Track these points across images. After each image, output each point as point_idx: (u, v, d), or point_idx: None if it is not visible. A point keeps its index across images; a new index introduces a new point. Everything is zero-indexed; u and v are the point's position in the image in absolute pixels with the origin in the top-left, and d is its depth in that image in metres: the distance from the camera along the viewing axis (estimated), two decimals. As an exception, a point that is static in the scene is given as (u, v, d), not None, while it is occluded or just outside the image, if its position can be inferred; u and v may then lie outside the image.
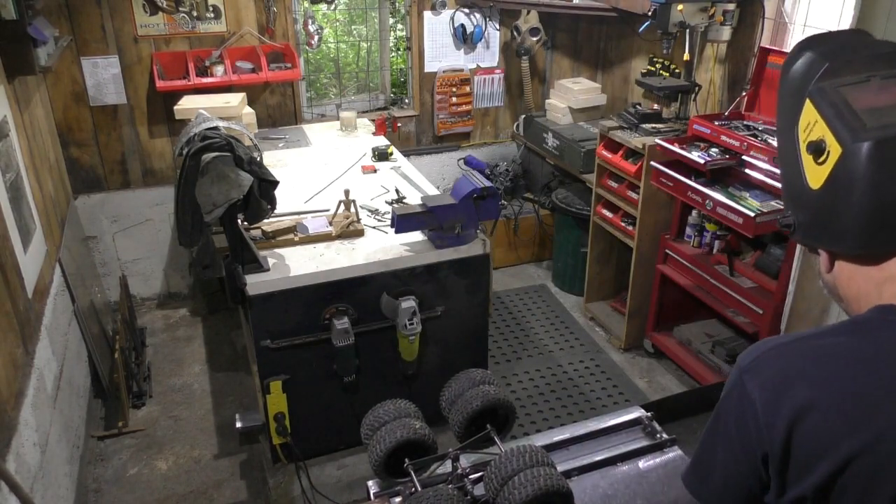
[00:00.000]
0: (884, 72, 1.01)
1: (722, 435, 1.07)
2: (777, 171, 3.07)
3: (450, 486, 1.72)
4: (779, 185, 3.05)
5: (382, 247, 2.86)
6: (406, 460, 1.78)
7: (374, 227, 3.02)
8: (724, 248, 3.46)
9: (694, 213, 3.57)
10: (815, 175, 1.01)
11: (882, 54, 1.04)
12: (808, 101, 1.03)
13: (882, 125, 0.95)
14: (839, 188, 0.97)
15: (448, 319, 2.96)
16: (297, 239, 2.90)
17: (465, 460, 1.82)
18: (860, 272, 1.02)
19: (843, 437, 0.91)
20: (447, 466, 1.80)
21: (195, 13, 4.08)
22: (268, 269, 2.69)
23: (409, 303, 2.77)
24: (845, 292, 1.05)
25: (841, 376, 0.94)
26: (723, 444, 1.07)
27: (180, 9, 4.04)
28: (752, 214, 2.99)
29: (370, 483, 1.84)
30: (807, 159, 1.03)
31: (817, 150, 1.00)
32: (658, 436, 1.89)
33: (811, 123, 1.02)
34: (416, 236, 2.90)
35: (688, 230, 3.65)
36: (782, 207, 1.09)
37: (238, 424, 3.01)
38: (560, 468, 1.71)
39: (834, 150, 0.97)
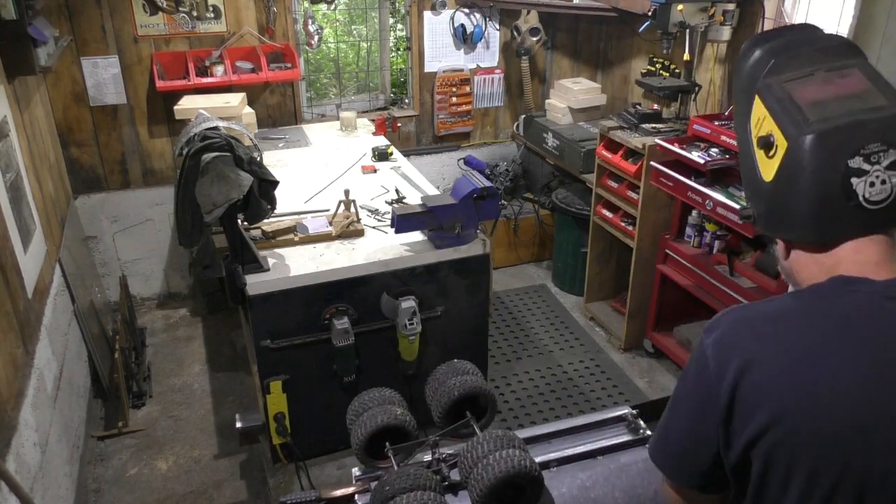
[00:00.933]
0: (827, 65, 1.05)
1: (682, 392, 1.11)
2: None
3: (429, 470, 1.74)
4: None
5: (382, 247, 2.86)
6: (387, 444, 1.83)
7: (374, 227, 3.02)
8: (724, 248, 3.46)
9: (694, 213, 3.56)
10: (767, 168, 1.06)
11: (826, 48, 1.08)
12: (756, 97, 1.07)
13: (823, 118, 0.99)
14: (788, 180, 1.02)
15: (448, 319, 2.96)
16: (297, 239, 2.90)
17: (447, 450, 1.84)
18: (812, 259, 1.06)
19: (783, 387, 0.96)
20: (429, 455, 1.83)
21: (195, 13, 4.09)
22: (268, 269, 2.69)
23: (409, 303, 2.77)
24: (800, 277, 1.10)
25: (789, 333, 0.99)
26: (683, 402, 1.11)
27: (180, 9, 4.05)
28: (752, 214, 2.99)
29: (354, 469, 1.88)
30: (759, 153, 1.08)
31: (766, 144, 1.05)
32: (641, 432, 1.90)
33: (760, 119, 1.07)
34: (416, 236, 2.90)
35: (688, 230, 3.65)
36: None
37: (238, 424, 3.01)
38: (539, 459, 1.72)
39: (781, 144, 1.02)
